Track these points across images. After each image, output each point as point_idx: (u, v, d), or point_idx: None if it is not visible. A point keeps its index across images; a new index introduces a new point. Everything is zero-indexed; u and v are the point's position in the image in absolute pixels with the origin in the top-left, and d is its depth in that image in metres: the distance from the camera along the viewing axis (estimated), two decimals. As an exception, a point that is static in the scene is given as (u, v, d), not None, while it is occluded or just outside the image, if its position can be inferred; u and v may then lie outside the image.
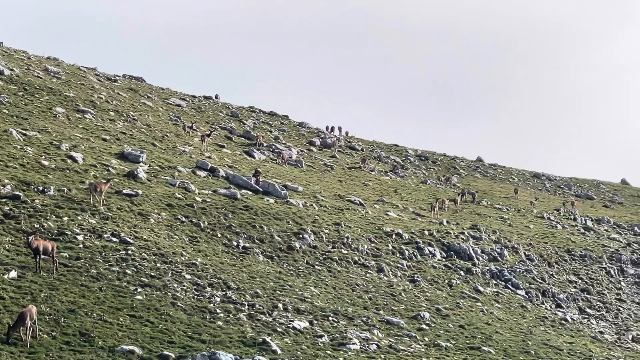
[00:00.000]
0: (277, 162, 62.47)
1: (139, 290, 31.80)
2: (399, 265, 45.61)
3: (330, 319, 34.48)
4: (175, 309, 31.15)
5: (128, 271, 33.10)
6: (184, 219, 41.27)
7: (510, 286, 48.87)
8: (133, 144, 51.79)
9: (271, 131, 74.17)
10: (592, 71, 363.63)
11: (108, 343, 27.35)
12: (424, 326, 36.86)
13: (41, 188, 38.60)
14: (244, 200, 46.58)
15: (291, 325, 32.42)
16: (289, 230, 44.40)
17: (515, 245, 54.60)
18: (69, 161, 43.84)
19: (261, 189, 49.84)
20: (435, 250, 49.23)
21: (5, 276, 30.00)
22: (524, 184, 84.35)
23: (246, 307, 33.21)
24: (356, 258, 44.31)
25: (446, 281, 45.92)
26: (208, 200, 44.51)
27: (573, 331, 44.48)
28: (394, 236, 48.95)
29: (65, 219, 36.28)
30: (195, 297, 32.82)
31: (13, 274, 30.31)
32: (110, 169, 44.73)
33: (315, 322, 33.60)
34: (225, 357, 27.80)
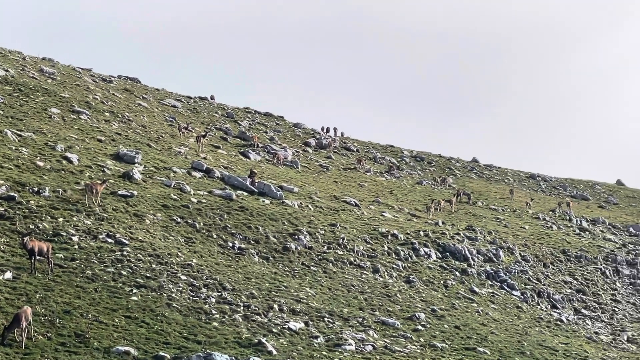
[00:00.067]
0: (273, 162, 62.43)
1: (134, 291, 31.77)
2: (394, 266, 45.62)
3: (326, 319, 34.48)
4: (170, 309, 31.13)
5: (123, 272, 33.07)
6: (179, 219, 41.24)
7: (506, 287, 48.89)
8: (128, 144, 51.73)
9: (266, 132, 74.13)
10: (587, 72, 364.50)
11: (103, 344, 27.32)
12: (419, 327, 36.88)
13: (36, 189, 38.53)
14: (240, 201, 46.55)
15: (287, 326, 32.42)
16: (284, 231, 44.39)
17: (511, 246, 54.62)
18: (64, 162, 43.78)
19: (257, 190, 49.80)
20: (430, 251, 49.25)
21: (0, 277, 29.94)
22: (520, 184, 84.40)
23: (242, 308, 33.20)
24: (352, 259, 44.31)
25: (442, 282, 45.93)
26: (203, 201, 44.47)
27: (568, 332, 44.53)
28: (389, 237, 48.95)
29: (60, 219, 36.24)
30: (191, 298, 32.80)
31: (8, 275, 30.25)
32: (106, 169, 44.68)
33: (310, 323, 33.60)
34: (220, 358, 27.81)
